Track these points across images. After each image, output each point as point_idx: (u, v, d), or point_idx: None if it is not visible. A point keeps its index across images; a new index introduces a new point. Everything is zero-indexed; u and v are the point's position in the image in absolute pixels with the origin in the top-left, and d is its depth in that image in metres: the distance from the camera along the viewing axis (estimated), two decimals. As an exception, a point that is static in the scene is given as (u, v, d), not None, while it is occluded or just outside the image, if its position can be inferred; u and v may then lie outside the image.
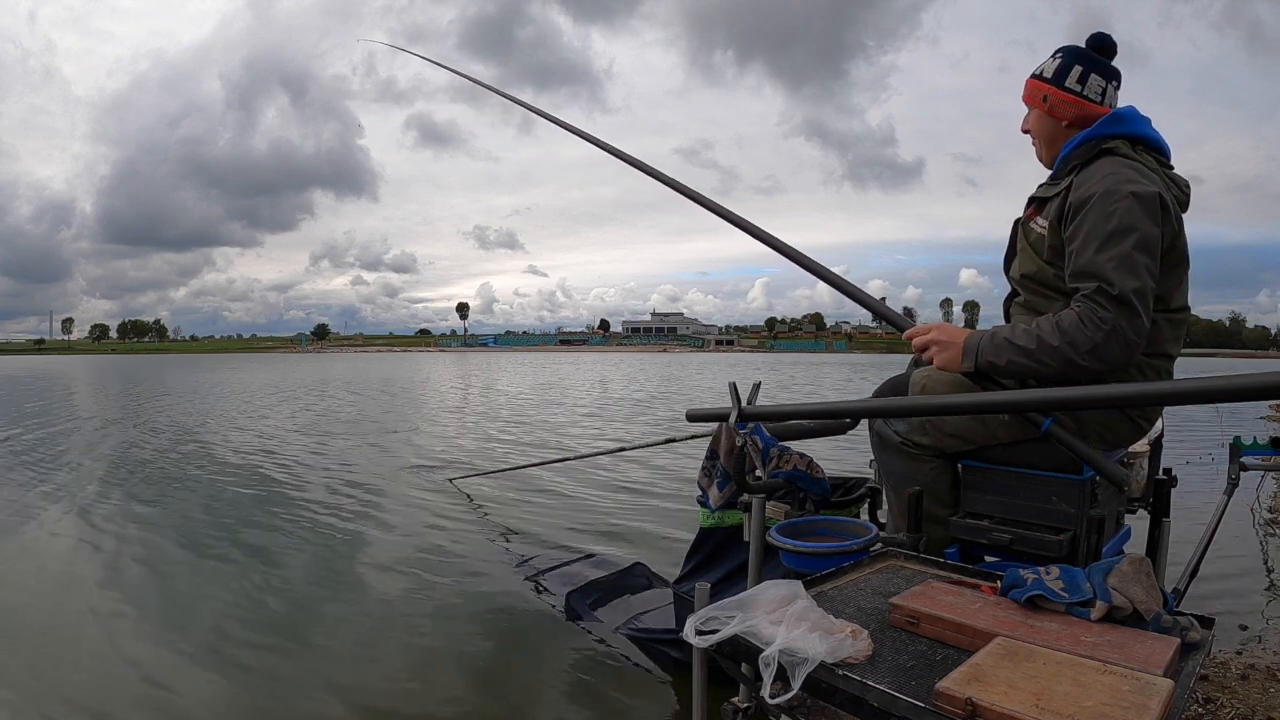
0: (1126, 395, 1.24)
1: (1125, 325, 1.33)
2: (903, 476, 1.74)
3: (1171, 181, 1.50)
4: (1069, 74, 1.55)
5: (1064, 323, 1.37)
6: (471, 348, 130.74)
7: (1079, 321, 1.35)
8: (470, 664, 2.40)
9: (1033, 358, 1.40)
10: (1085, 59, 1.56)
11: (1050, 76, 1.58)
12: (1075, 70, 1.55)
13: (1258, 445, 3.03)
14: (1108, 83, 1.56)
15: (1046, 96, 1.58)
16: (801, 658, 0.93)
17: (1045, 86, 1.59)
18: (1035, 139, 1.66)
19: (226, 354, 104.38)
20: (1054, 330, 1.37)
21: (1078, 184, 1.46)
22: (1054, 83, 1.57)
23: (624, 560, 3.22)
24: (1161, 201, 1.40)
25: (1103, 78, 1.55)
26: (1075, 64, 1.56)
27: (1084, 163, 1.48)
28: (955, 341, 1.50)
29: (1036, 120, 1.63)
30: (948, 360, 1.51)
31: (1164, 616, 1.01)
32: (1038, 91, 1.61)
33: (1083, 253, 1.39)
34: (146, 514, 4.49)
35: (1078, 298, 1.38)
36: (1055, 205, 1.50)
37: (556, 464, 5.86)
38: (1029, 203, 1.64)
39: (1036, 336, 1.39)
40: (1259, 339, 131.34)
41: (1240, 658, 2.30)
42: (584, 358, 56.51)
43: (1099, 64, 1.56)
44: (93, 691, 2.17)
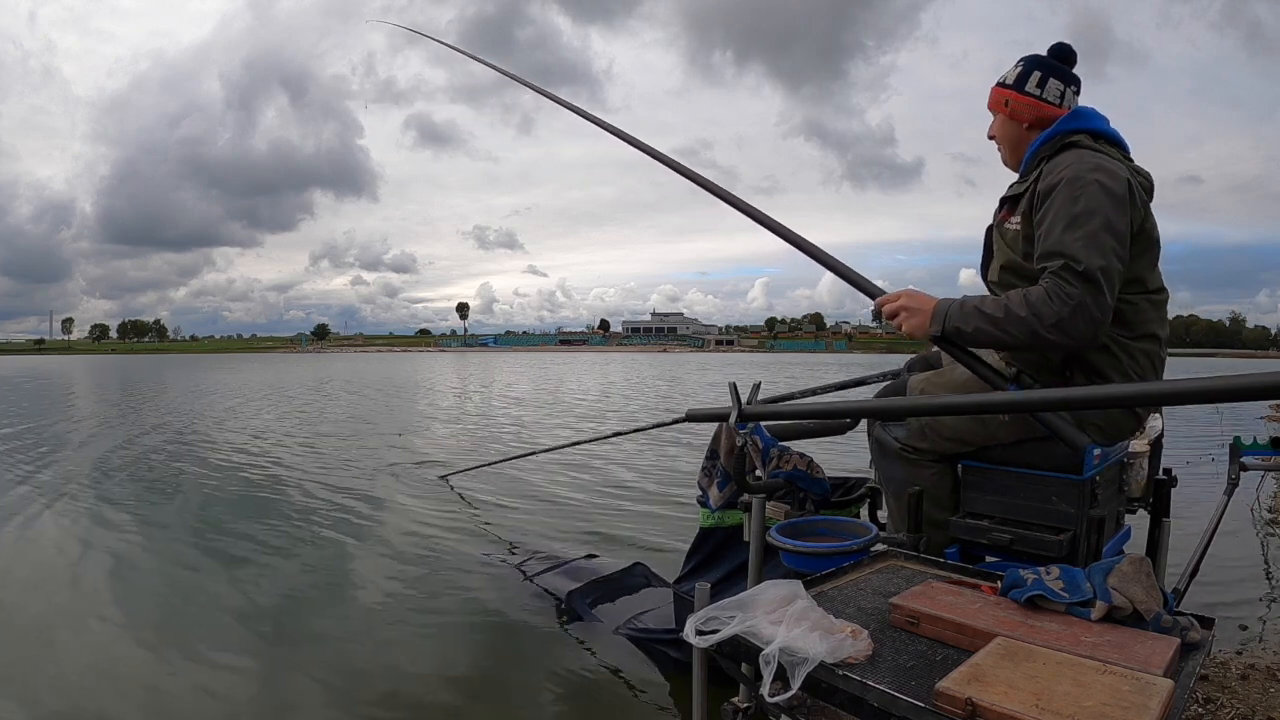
0: (1126, 395, 1.24)
1: (1090, 302, 1.36)
2: (903, 482, 1.75)
3: (1134, 171, 1.55)
4: (1029, 79, 1.63)
5: (1031, 296, 1.40)
6: (471, 348, 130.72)
7: (1046, 296, 1.39)
8: (470, 664, 2.40)
9: (999, 327, 1.43)
10: (1044, 65, 1.64)
11: (1011, 82, 1.66)
12: (1034, 75, 1.63)
13: (1258, 445, 3.03)
14: (1066, 87, 1.63)
15: (1008, 101, 1.66)
16: (801, 657, 0.93)
17: (1007, 92, 1.67)
18: (1000, 144, 1.73)
19: (226, 354, 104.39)
20: (1022, 302, 1.41)
21: (1045, 173, 1.51)
22: (1014, 88, 1.65)
23: (624, 560, 3.22)
24: (1129, 186, 1.45)
25: (1061, 82, 1.63)
26: (1034, 70, 1.64)
27: (1050, 155, 1.54)
28: (924, 308, 1.53)
29: (1000, 125, 1.71)
30: (916, 326, 1.54)
31: (1164, 616, 1.01)
32: (1000, 97, 1.68)
33: (1050, 234, 1.43)
34: (140, 514, 4.49)
35: (1045, 275, 1.42)
36: (1026, 198, 1.55)
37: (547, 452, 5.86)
38: (1000, 205, 1.68)
39: (1005, 306, 1.43)
40: (1259, 339, 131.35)
41: (1240, 658, 2.30)
42: (584, 358, 56.54)
43: (1058, 70, 1.63)
44: (87, 691, 2.17)
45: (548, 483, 5.53)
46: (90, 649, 2.48)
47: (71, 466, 6.22)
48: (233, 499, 4.96)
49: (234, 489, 5.30)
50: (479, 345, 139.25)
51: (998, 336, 1.44)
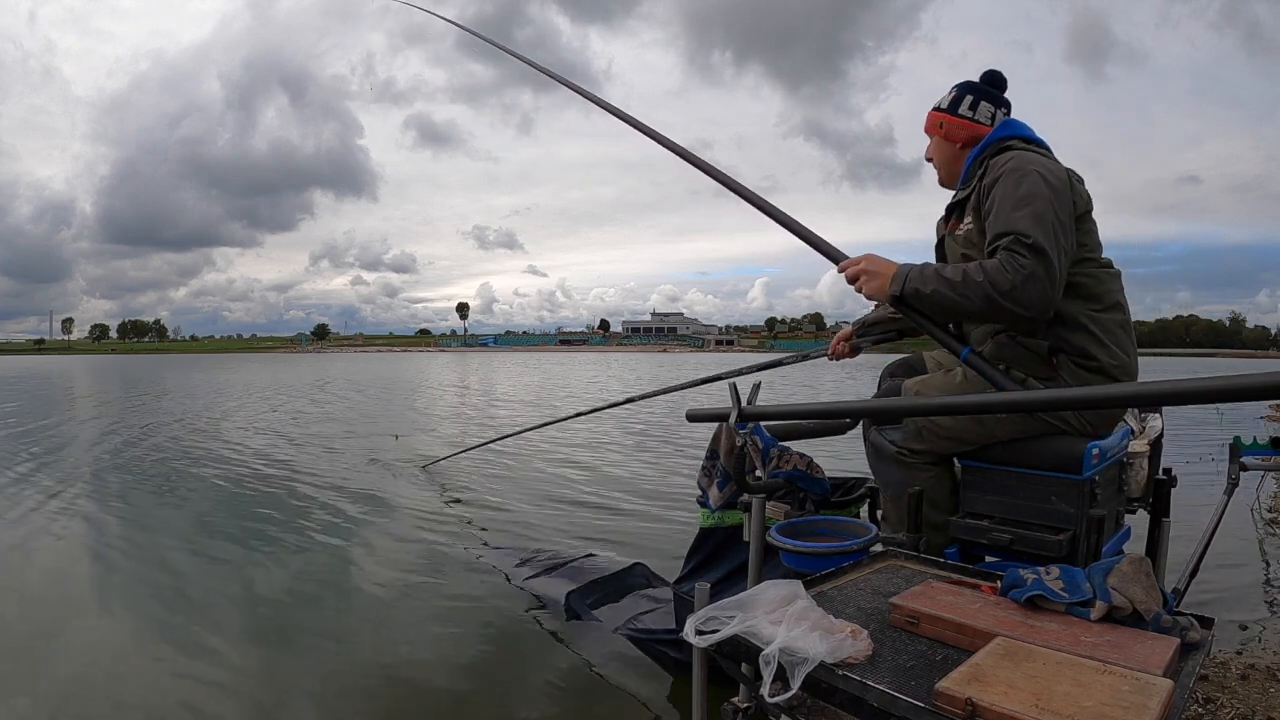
0: (1126, 395, 1.24)
1: (1042, 272, 1.44)
2: (900, 485, 1.75)
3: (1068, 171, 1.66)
4: (962, 103, 1.76)
5: (987, 265, 1.48)
6: (471, 348, 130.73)
7: (1000, 266, 1.46)
8: (469, 664, 2.40)
9: (956, 290, 1.49)
10: (976, 90, 1.76)
11: (945, 106, 1.78)
12: (967, 99, 1.75)
13: (1258, 445, 3.03)
14: (996, 109, 1.75)
15: (943, 124, 1.78)
16: (801, 657, 0.93)
17: (941, 115, 1.78)
18: (936, 165, 1.84)
19: (226, 354, 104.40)
20: (978, 269, 1.47)
21: (989, 170, 1.61)
22: (948, 111, 1.77)
23: (624, 560, 3.22)
24: (1067, 176, 1.57)
25: (992, 105, 1.75)
26: (967, 94, 1.76)
27: (990, 157, 1.64)
28: (884, 271, 1.58)
29: (936, 147, 1.82)
30: (876, 288, 1.59)
31: (1164, 616, 1.01)
32: (935, 120, 1.80)
33: (999, 216, 1.52)
34: (138, 513, 4.49)
35: (998, 250, 1.48)
36: (974, 197, 1.63)
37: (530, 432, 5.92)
38: (947, 215, 1.78)
39: (963, 271, 1.49)
40: (1259, 339, 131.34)
41: (1240, 658, 2.30)
42: (584, 358, 56.54)
43: (988, 94, 1.76)
44: (85, 690, 2.17)
45: (548, 483, 5.54)
46: (88, 648, 2.48)
47: (69, 466, 6.22)
48: (232, 499, 4.96)
49: (233, 489, 5.29)
50: (479, 345, 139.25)
51: (955, 300, 1.49)
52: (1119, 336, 1.60)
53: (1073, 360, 1.57)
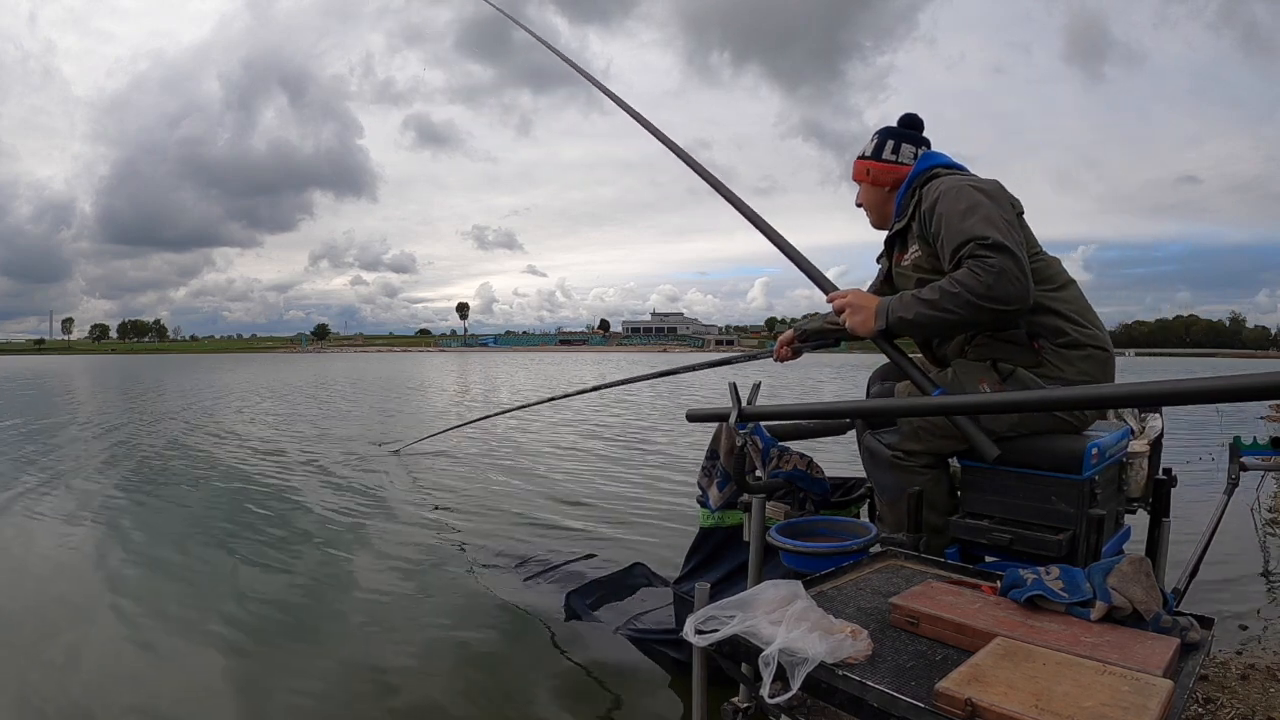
0: (1126, 395, 1.24)
1: (1011, 265, 1.49)
2: (896, 489, 1.75)
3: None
4: (884, 148, 1.84)
5: (958, 275, 1.53)
6: (471, 348, 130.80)
7: (970, 272, 1.51)
8: (468, 664, 2.40)
9: (937, 307, 1.54)
10: (896, 134, 1.85)
11: (870, 154, 1.87)
12: (889, 144, 1.84)
13: (1258, 445, 3.03)
14: (917, 149, 1.83)
15: (869, 170, 1.86)
16: (801, 658, 0.93)
17: (868, 163, 1.87)
18: (867, 210, 1.92)
19: (226, 354, 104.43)
20: (951, 282, 1.53)
21: (923, 197, 1.69)
22: (873, 157, 1.86)
23: (624, 560, 3.22)
24: (996, 185, 1.64)
25: (913, 145, 1.83)
26: (888, 139, 1.84)
27: (920, 185, 1.72)
28: (868, 306, 1.66)
29: (865, 193, 1.90)
30: (860, 322, 1.67)
31: (1164, 617, 1.01)
32: (862, 168, 1.88)
33: (950, 231, 1.57)
34: (137, 512, 4.49)
35: (962, 260, 1.54)
36: (916, 224, 1.72)
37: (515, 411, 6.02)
38: (888, 248, 1.88)
39: (939, 288, 1.54)
40: (1259, 339, 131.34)
41: (1240, 658, 2.30)
42: (584, 357, 56.49)
43: (908, 136, 1.84)
44: (82, 690, 2.17)
45: (547, 483, 5.53)
46: (85, 648, 2.48)
47: (67, 466, 6.22)
48: (230, 499, 4.96)
49: (231, 490, 5.29)
50: (479, 345, 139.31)
51: (939, 316, 1.54)
52: (1083, 309, 1.68)
53: (1051, 342, 1.64)
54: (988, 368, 1.65)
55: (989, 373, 1.65)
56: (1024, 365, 1.63)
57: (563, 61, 2.57)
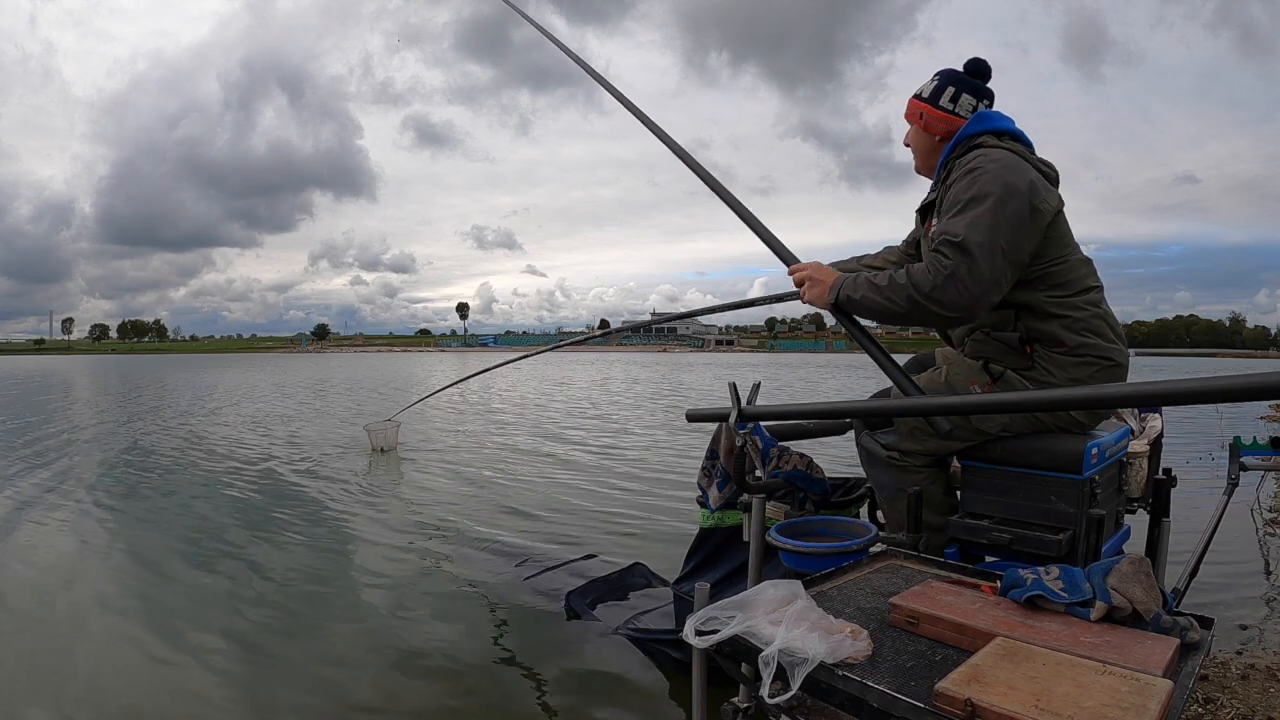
0: (1126, 395, 1.24)
1: (964, 272, 1.44)
2: (894, 488, 1.76)
3: (1041, 162, 1.64)
4: (943, 94, 1.72)
5: (913, 268, 1.51)
6: (471, 347, 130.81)
7: (925, 268, 1.49)
8: (468, 664, 2.40)
9: (883, 295, 1.53)
10: (959, 81, 1.72)
11: (927, 96, 1.75)
12: (948, 91, 1.72)
13: (1258, 445, 3.03)
14: (979, 102, 1.71)
15: (923, 114, 1.75)
16: (801, 658, 0.93)
17: (922, 105, 1.76)
18: (914, 153, 1.82)
19: (227, 354, 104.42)
20: (904, 273, 1.51)
21: (954, 170, 1.61)
22: (929, 101, 1.74)
23: (624, 560, 3.22)
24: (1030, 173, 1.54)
25: (974, 97, 1.71)
26: (949, 85, 1.72)
27: (958, 156, 1.64)
28: (825, 280, 1.65)
29: (914, 135, 1.80)
30: (816, 295, 1.66)
31: (1164, 617, 1.01)
32: (915, 109, 1.77)
33: (941, 218, 1.55)
34: (135, 513, 4.49)
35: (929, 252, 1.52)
36: (939, 201, 1.65)
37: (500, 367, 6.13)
38: (920, 217, 1.81)
39: (889, 276, 1.52)
40: (1259, 339, 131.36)
41: (1240, 658, 2.30)
42: (584, 357, 56.54)
43: (971, 85, 1.72)
44: (80, 689, 2.17)
45: (547, 483, 5.53)
46: (83, 648, 2.48)
47: (64, 467, 6.21)
48: (228, 501, 4.96)
49: (229, 491, 5.29)
50: (479, 345, 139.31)
51: (881, 304, 1.54)
52: (1089, 317, 1.59)
53: (1046, 348, 1.60)
54: (980, 369, 1.66)
55: (980, 374, 1.65)
56: (1015, 368, 1.62)
57: (566, 55, 2.56)
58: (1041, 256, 1.57)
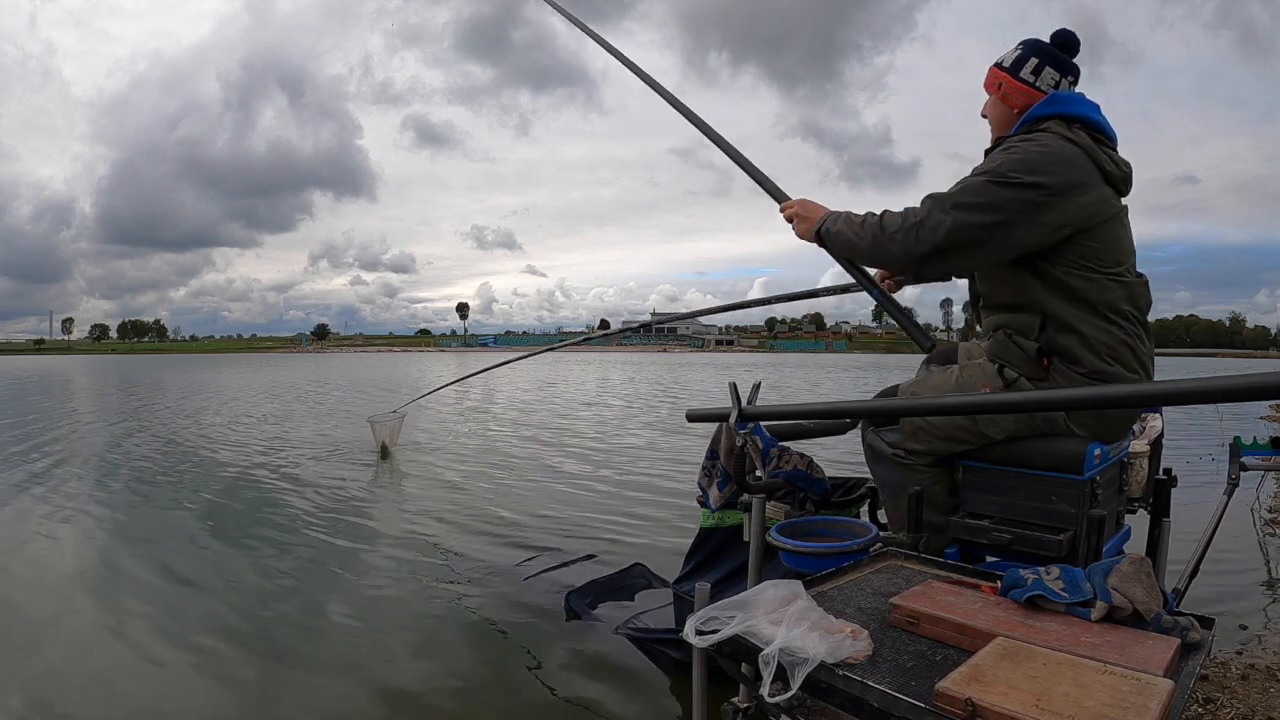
0: (1126, 395, 1.24)
1: (930, 224, 1.47)
2: (897, 486, 1.75)
3: (1110, 160, 1.55)
4: (1024, 65, 1.62)
5: (890, 210, 1.56)
6: (471, 347, 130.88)
7: (900, 211, 1.53)
8: (468, 664, 2.40)
9: (854, 228, 1.59)
10: (1043, 52, 1.62)
11: (1008, 65, 1.65)
12: (1031, 61, 1.62)
13: (1258, 445, 3.03)
14: (1062, 77, 1.61)
15: (1001, 84, 1.66)
16: (801, 658, 0.93)
17: (1002, 74, 1.66)
18: (990, 124, 1.73)
19: (227, 354, 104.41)
20: (880, 212, 1.56)
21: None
22: (1010, 71, 1.64)
23: (624, 560, 3.22)
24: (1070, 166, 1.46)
25: (1058, 71, 1.61)
26: (1032, 56, 1.62)
27: (1023, 132, 1.57)
28: (812, 215, 1.70)
29: (992, 106, 1.71)
30: (804, 230, 1.72)
31: (1164, 617, 1.01)
32: (995, 79, 1.68)
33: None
34: (135, 513, 4.49)
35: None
36: None
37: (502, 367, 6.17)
38: None
39: (868, 213, 1.56)
40: (1259, 339, 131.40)
41: (1240, 658, 2.30)
42: (584, 357, 56.55)
43: (1056, 58, 1.61)
44: (78, 691, 2.17)
45: (546, 483, 5.53)
46: (82, 649, 2.48)
47: (62, 466, 6.21)
48: (228, 502, 4.96)
49: (229, 492, 5.29)
50: (479, 345, 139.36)
51: (851, 239, 1.60)
52: (1116, 347, 1.52)
53: (1063, 363, 1.54)
54: (994, 373, 1.62)
55: (994, 378, 1.62)
56: (1030, 377, 1.57)
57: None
58: (1068, 265, 1.49)
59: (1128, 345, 1.54)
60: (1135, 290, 1.57)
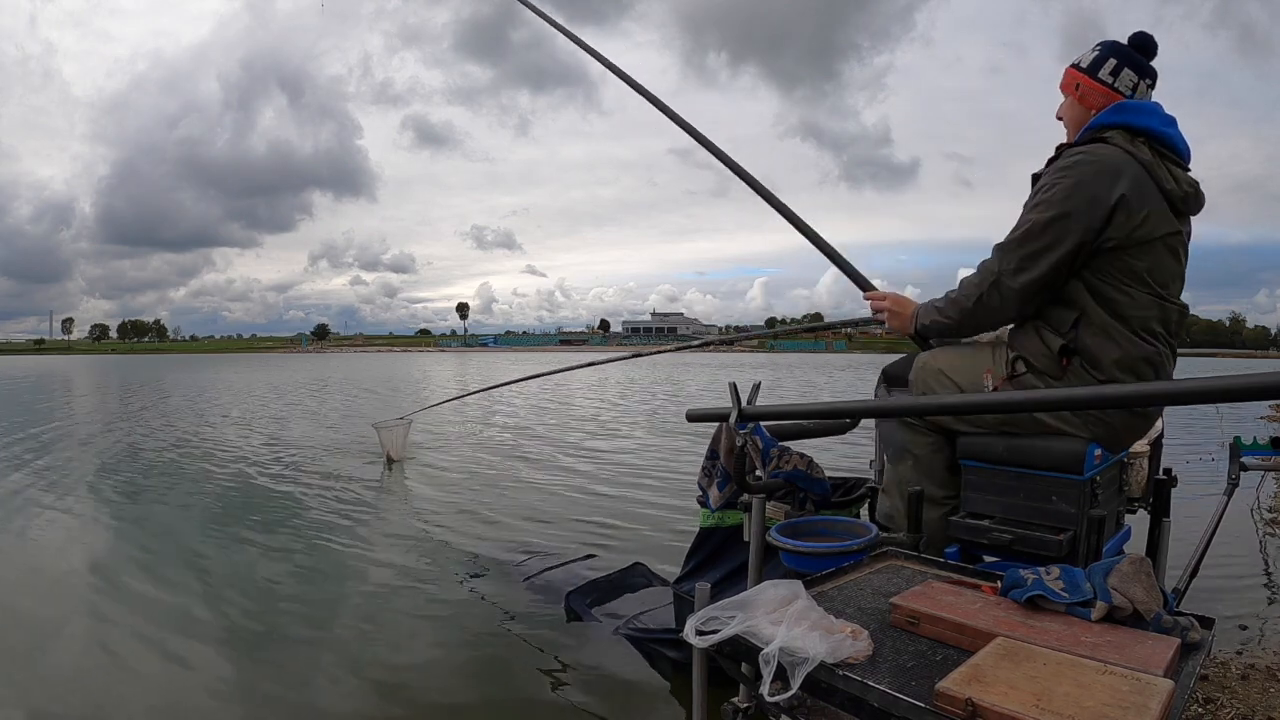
0: (1126, 395, 1.24)
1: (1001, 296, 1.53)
2: (901, 448, 1.78)
3: (1172, 177, 1.51)
4: (1103, 65, 1.59)
5: (964, 281, 1.59)
6: (471, 348, 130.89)
7: (974, 273, 1.57)
8: (468, 664, 2.40)
9: (944, 314, 1.64)
10: (1121, 54, 1.59)
11: (1086, 66, 1.61)
12: (1110, 63, 1.58)
13: (1258, 445, 3.03)
14: (1140, 79, 1.58)
15: (1079, 85, 1.62)
16: (801, 657, 0.93)
17: (1079, 75, 1.62)
18: (1066, 126, 1.69)
19: (227, 354, 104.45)
20: (958, 286, 1.60)
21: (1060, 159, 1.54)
22: (1088, 72, 1.60)
23: (624, 560, 3.22)
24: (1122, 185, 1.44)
25: (1136, 74, 1.58)
26: (1110, 57, 1.59)
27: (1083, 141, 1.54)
28: (904, 311, 1.76)
29: (1069, 108, 1.67)
30: (898, 326, 1.77)
31: (1164, 617, 1.01)
32: (1072, 80, 1.64)
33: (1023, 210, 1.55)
34: (135, 514, 4.49)
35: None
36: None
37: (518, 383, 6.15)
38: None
39: (948, 295, 1.58)
40: (1259, 339, 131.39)
41: (1240, 658, 2.30)
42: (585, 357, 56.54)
43: (1135, 60, 1.58)
44: (77, 691, 2.17)
45: (546, 483, 5.53)
46: (81, 650, 2.48)
47: (60, 467, 6.21)
48: (229, 502, 4.96)
49: (230, 492, 5.29)
50: (479, 345, 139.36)
51: (945, 324, 1.65)
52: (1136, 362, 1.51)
53: (1084, 364, 1.52)
54: (1003, 360, 1.61)
55: (999, 367, 1.61)
56: (1044, 372, 1.56)
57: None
58: (1110, 276, 1.50)
59: (1151, 364, 1.53)
60: (1170, 314, 1.56)
